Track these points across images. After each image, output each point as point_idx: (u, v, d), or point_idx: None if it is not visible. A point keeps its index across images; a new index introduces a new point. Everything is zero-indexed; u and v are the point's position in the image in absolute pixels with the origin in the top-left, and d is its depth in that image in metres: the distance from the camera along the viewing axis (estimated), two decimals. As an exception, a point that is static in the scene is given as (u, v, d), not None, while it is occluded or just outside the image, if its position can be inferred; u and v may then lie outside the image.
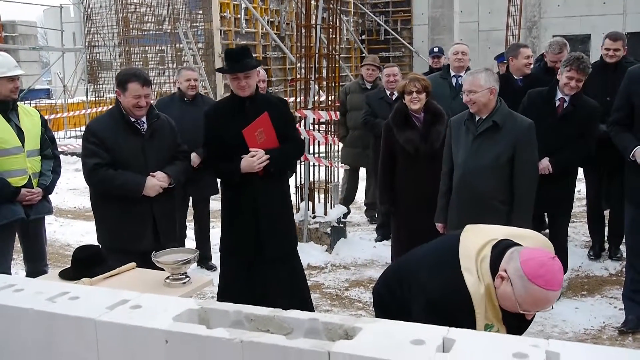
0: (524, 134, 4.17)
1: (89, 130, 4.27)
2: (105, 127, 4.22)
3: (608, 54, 5.77)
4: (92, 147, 4.17)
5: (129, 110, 4.20)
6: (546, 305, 2.39)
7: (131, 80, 4.16)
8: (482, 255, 2.50)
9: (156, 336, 1.78)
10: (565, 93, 5.02)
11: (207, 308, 1.93)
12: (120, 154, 4.18)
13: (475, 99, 4.12)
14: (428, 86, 4.93)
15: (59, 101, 18.96)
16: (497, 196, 4.15)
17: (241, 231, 4.39)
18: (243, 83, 4.25)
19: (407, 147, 4.93)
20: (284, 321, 1.84)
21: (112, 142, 4.17)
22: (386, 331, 1.67)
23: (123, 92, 4.18)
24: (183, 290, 3.35)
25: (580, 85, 4.99)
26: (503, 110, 4.20)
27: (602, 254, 6.30)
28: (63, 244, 7.63)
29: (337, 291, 5.77)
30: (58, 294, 2.05)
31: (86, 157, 4.20)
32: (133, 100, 4.15)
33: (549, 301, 2.36)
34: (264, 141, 4.29)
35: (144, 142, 4.25)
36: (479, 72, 4.19)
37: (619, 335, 4.66)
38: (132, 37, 16.48)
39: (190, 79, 6.04)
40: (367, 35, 21.13)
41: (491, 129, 4.15)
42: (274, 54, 16.81)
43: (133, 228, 4.23)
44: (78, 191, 10.64)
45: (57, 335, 1.93)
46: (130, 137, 4.22)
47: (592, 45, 18.50)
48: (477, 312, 2.44)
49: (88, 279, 3.37)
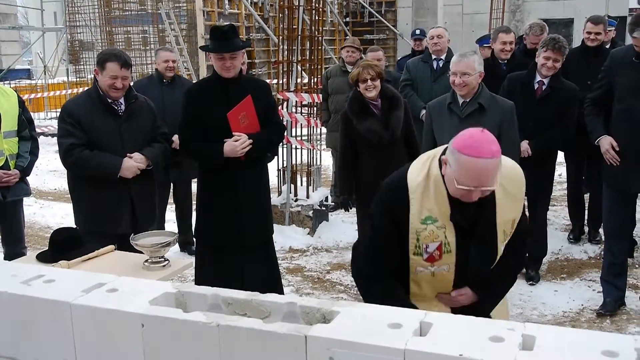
0: (508, 115, 4.23)
1: (65, 110, 4.21)
2: (81, 108, 4.16)
3: (589, 38, 5.79)
4: (68, 128, 4.11)
5: (106, 90, 4.14)
6: (480, 177, 2.34)
7: (110, 59, 4.10)
8: (433, 155, 2.59)
9: (132, 320, 1.76)
10: (543, 75, 5.04)
11: (184, 291, 1.92)
12: (96, 135, 4.12)
13: (468, 82, 4.13)
14: (381, 72, 4.89)
15: (39, 81, 18.72)
16: None
17: (220, 216, 4.29)
18: (228, 64, 4.09)
19: (370, 137, 4.82)
20: (262, 305, 1.83)
21: (88, 122, 4.12)
22: (364, 315, 1.67)
23: (101, 71, 4.12)
24: (162, 274, 3.34)
25: (557, 65, 4.99)
26: (486, 92, 4.24)
27: (582, 237, 6.36)
28: (43, 226, 7.57)
29: (318, 274, 5.78)
30: (33, 277, 2.03)
31: (62, 137, 4.14)
32: (109, 80, 4.08)
33: (480, 170, 2.33)
34: (247, 125, 4.19)
35: (121, 123, 4.19)
36: (471, 55, 4.20)
37: (597, 318, 4.72)
38: (114, 17, 16.27)
39: (169, 60, 5.94)
40: (351, 18, 21.01)
41: (477, 112, 4.18)
42: (257, 36, 16.66)
43: (110, 210, 4.18)
44: (58, 173, 10.53)
45: (32, 319, 1.90)
46: (107, 118, 4.16)
47: (575, 29, 18.55)
48: (411, 197, 2.51)
49: (65, 262, 3.34)
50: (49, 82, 17.79)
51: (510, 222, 2.61)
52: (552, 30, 6.39)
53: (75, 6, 16.71)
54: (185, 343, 1.70)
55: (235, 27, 4.28)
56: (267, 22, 16.48)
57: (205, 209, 4.36)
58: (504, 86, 5.18)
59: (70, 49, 17.42)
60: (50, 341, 1.88)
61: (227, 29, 4.13)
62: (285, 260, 6.10)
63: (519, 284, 5.35)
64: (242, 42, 4.28)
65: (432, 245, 2.54)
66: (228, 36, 4.10)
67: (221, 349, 1.66)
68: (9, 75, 17.46)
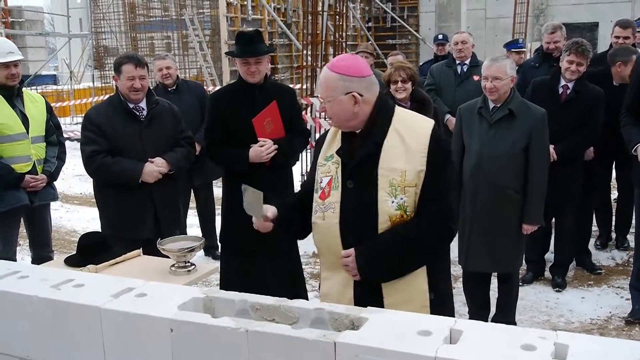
0: (538, 123, 4.16)
1: (87, 117, 4.26)
2: (102, 115, 4.20)
3: (617, 42, 5.71)
4: (90, 135, 4.15)
5: (126, 94, 4.18)
6: (321, 81, 2.59)
7: (124, 62, 4.15)
8: None
9: (161, 325, 1.77)
10: (567, 79, 4.99)
11: (213, 297, 1.92)
12: (117, 141, 4.15)
13: (500, 87, 4.09)
14: (414, 75, 4.87)
15: (65, 87, 18.95)
16: (511, 185, 4.13)
17: (244, 221, 4.29)
18: (253, 69, 4.12)
19: None
20: (290, 310, 1.83)
21: (110, 129, 4.15)
22: (393, 321, 1.66)
23: (119, 76, 4.17)
24: (188, 278, 3.35)
25: (581, 69, 4.94)
26: (517, 98, 4.20)
27: (609, 243, 6.27)
28: (69, 230, 7.65)
29: (342, 279, 5.75)
30: (63, 281, 2.04)
31: (84, 144, 4.19)
32: (128, 82, 4.13)
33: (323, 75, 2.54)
34: (272, 130, 4.20)
35: (142, 128, 4.22)
36: (503, 59, 4.17)
37: (625, 326, 4.64)
38: (139, 23, 16.45)
39: (162, 69, 5.89)
40: (373, 23, 21.01)
41: (506, 118, 4.14)
42: (280, 41, 16.73)
43: (133, 216, 4.21)
44: (84, 177, 10.62)
45: (61, 323, 1.92)
46: (128, 123, 4.19)
47: (599, 33, 18.37)
48: (327, 136, 2.72)
49: (93, 266, 3.37)
50: (74, 88, 18.02)
51: (399, 174, 2.49)
52: (577, 34, 6.33)
53: (101, 12, 16.92)
54: (214, 348, 1.70)
55: (260, 32, 4.32)
56: (289, 27, 16.53)
57: (229, 214, 4.36)
58: (528, 91, 5.13)
59: (96, 54, 17.62)
60: (79, 345, 1.89)
61: (252, 34, 4.16)
62: (309, 265, 6.09)
63: (545, 290, 5.30)
64: (267, 47, 4.29)
65: (324, 179, 2.61)
66: (253, 41, 4.12)
67: (249, 354, 1.66)
68: (36, 81, 17.69)
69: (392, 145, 2.52)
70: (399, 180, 2.49)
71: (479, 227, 4.20)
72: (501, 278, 4.51)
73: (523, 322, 4.65)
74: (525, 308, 4.94)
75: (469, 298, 4.58)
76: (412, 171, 2.48)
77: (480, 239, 4.21)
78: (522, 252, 4.54)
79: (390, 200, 2.49)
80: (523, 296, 4.98)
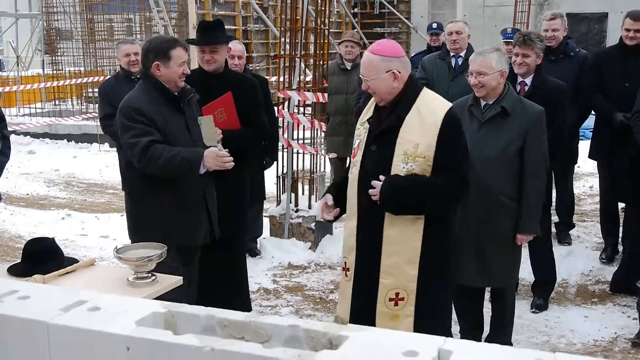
0: (535, 123, 4.16)
1: (132, 108, 4.07)
2: (150, 105, 4.07)
3: (628, 36, 5.74)
4: (143, 127, 4.01)
5: (175, 82, 4.10)
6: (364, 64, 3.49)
7: (173, 46, 4.08)
8: None
9: (116, 342, 1.76)
10: (519, 74, 5.02)
11: (175, 311, 1.92)
12: (169, 133, 4.08)
13: (485, 82, 4.09)
14: None
15: (11, 73, 18.74)
16: (504, 191, 4.13)
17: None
18: (207, 57, 4.68)
19: None
20: (261, 327, 1.83)
21: (160, 120, 4.06)
22: (375, 340, 1.67)
23: (166, 63, 4.05)
24: (149, 291, 3.34)
25: (527, 61, 4.94)
26: (511, 95, 4.19)
27: (615, 257, 6.33)
28: (13, 235, 7.58)
29: (320, 294, 5.78)
30: (5, 293, 2.03)
31: (137, 136, 4.00)
32: (179, 68, 4.07)
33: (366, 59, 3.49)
34: (224, 121, 4.58)
35: (186, 118, 4.19)
36: (489, 52, 4.16)
37: (632, 348, 4.70)
38: (96, 4, 16.32)
39: (130, 54, 5.88)
40: (359, 9, 21.07)
41: (499, 116, 4.14)
42: (255, 27, 16.72)
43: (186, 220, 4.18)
44: (31, 176, 10.56)
45: (3, 340, 1.90)
46: (174, 113, 4.14)
47: (609, 25, 18.55)
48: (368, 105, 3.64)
49: (40, 276, 3.35)
50: (22, 74, 17.83)
51: (413, 145, 3.32)
52: (584, 25, 6.39)
53: (53, -10, 16.78)
54: (176, 369, 1.70)
55: (222, 21, 4.95)
56: (266, 11, 16.54)
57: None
58: None
59: (47, 37, 17.45)
60: (24, 364, 1.88)
61: (212, 23, 4.76)
62: (284, 277, 6.10)
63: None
64: (224, 37, 4.78)
65: (356, 141, 3.56)
66: (209, 29, 4.69)
67: (215, 376, 1.66)
68: (-23, 67, 17.52)
69: (412, 120, 3.36)
70: (412, 150, 3.33)
71: (468, 235, 4.15)
72: (494, 294, 4.54)
73: (520, 343, 4.70)
74: (522, 327, 4.99)
75: (460, 315, 4.58)
76: (424, 144, 3.31)
77: (469, 249, 4.18)
78: (517, 266, 4.52)
79: (402, 166, 3.34)
80: (520, 314, 5.03)
